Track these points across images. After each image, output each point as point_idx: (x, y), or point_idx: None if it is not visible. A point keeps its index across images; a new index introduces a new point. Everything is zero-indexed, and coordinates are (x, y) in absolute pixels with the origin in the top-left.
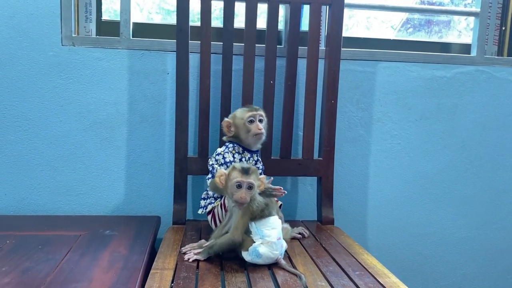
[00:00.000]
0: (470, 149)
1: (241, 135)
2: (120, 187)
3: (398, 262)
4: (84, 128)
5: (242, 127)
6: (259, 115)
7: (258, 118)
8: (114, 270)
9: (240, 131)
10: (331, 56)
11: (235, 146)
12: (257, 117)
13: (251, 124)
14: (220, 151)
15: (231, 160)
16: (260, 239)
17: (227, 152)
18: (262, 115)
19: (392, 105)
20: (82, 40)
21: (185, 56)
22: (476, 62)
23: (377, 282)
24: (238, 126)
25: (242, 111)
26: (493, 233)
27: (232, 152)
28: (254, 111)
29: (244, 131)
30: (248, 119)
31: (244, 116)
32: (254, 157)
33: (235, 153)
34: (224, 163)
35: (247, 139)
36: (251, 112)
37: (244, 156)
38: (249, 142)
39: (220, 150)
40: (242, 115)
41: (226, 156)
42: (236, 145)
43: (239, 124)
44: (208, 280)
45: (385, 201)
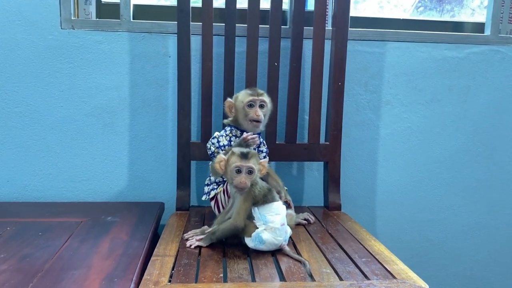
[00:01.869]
0: (482, 132)
1: (239, 118)
2: (123, 173)
3: (408, 248)
4: (86, 113)
5: (241, 110)
6: (260, 101)
7: (259, 103)
8: (113, 257)
9: (239, 114)
10: (338, 36)
11: (232, 130)
12: (257, 102)
13: (250, 108)
14: (216, 135)
15: (225, 144)
16: (263, 225)
17: (222, 136)
18: (264, 100)
19: (402, 87)
20: (82, 23)
21: (186, 38)
22: (490, 42)
23: (384, 269)
24: (238, 108)
25: (245, 93)
26: (506, 219)
27: (229, 136)
28: (256, 96)
29: (242, 114)
30: (248, 102)
31: (245, 99)
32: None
33: (231, 137)
34: (219, 147)
35: (244, 123)
36: (252, 97)
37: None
38: (246, 127)
39: (216, 134)
40: (243, 98)
41: (221, 140)
42: (234, 129)
43: (239, 106)
44: (209, 267)
45: (394, 186)
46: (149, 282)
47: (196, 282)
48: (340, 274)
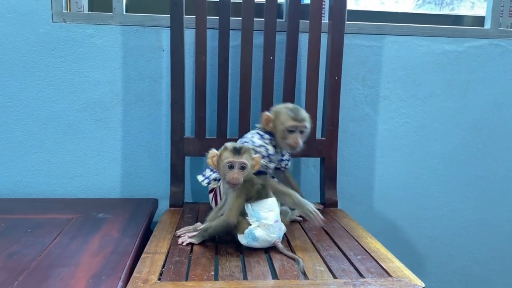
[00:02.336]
0: (482, 128)
1: (277, 137)
2: (116, 169)
3: (406, 246)
4: (78, 108)
5: (280, 132)
6: (302, 127)
7: (300, 129)
8: (103, 254)
9: (276, 132)
10: (335, 30)
11: (272, 140)
12: (299, 128)
13: (290, 133)
14: (257, 141)
15: (273, 153)
16: (257, 222)
17: (269, 145)
18: (306, 126)
19: (400, 82)
20: (74, 16)
21: (179, 32)
22: (490, 35)
23: (379, 266)
24: (277, 127)
25: (286, 115)
26: (506, 216)
27: (270, 144)
28: (298, 122)
29: (280, 135)
30: (289, 127)
31: (286, 122)
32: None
33: (271, 145)
34: (268, 156)
35: (281, 143)
36: (294, 122)
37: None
38: (281, 146)
39: (257, 140)
40: (284, 120)
41: (269, 149)
42: (273, 139)
43: (278, 127)
44: (200, 265)
45: (392, 183)
46: (138, 280)
47: (186, 280)
48: (334, 272)
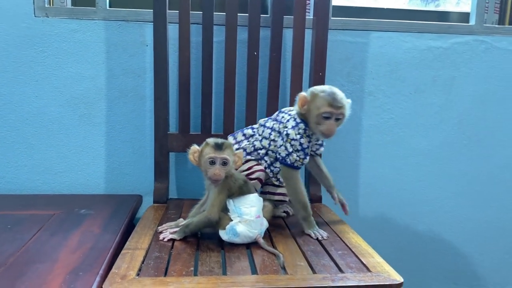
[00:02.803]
0: (467, 124)
1: (310, 121)
2: (100, 165)
3: (391, 242)
4: (61, 103)
5: (314, 117)
6: (338, 114)
7: (336, 116)
8: (82, 250)
9: (310, 117)
10: (319, 25)
11: (306, 130)
12: (334, 115)
13: (326, 120)
14: (294, 135)
15: (307, 145)
16: (238, 218)
17: (302, 137)
18: (343, 113)
19: (385, 78)
20: (56, 11)
21: (162, 26)
22: (475, 32)
23: (359, 262)
24: (311, 111)
25: (323, 99)
26: (491, 212)
27: (304, 136)
28: (335, 109)
29: (314, 120)
30: (324, 113)
31: (322, 107)
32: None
33: (306, 136)
34: (302, 150)
35: (314, 129)
36: (331, 108)
37: (311, 141)
38: (314, 132)
39: (292, 133)
40: (320, 105)
41: (303, 142)
42: (307, 128)
43: (313, 111)
44: (180, 260)
45: (377, 179)
46: (116, 275)
47: (165, 275)
48: (314, 267)
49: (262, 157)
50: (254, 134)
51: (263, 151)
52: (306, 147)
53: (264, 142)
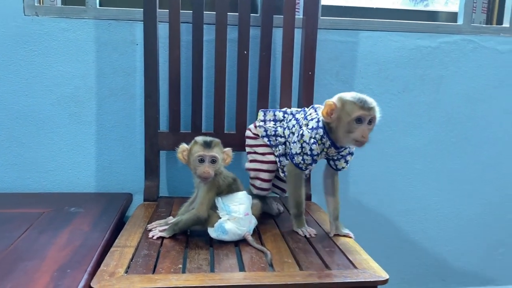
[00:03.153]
0: (455, 122)
1: (339, 130)
2: (91, 163)
3: (380, 239)
4: (52, 102)
5: (345, 124)
6: (370, 116)
7: (369, 119)
8: (70, 248)
9: (339, 125)
10: (308, 25)
11: (323, 138)
12: (367, 118)
13: (358, 124)
14: (308, 139)
15: (318, 153)
16: (227, 215)
17: (316, 143)
18: (375, 115)
19: (373, 77)
20: (46, 10)
21: (152, 25)
22: (463, 31)
23: (346, 259)
24: (341, 119)
25: (353, 104)
26: (479, 209)
27: (318, 143)
28: (367, 111)
29: (344, 129)
30: (356, 117)
31: (353, 112)
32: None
33: (320, 144)
34: (311, 155)
35: (343, 138)
36: (362, 111)
37: (329, 153)
38: (343, 142)
39: (307, 137)
40: (351, 110)
41: (314, 149)
42: (326, 137)
43: (343, 117)
44: (169, 258)
45: (366, 177)
46: (105, 273)
47: (153, 273)
48: (301, 264)
49: (278, 144)
50: (283, 120)
51: (282, 140)
52: (316, 154)
53: (286, 131)
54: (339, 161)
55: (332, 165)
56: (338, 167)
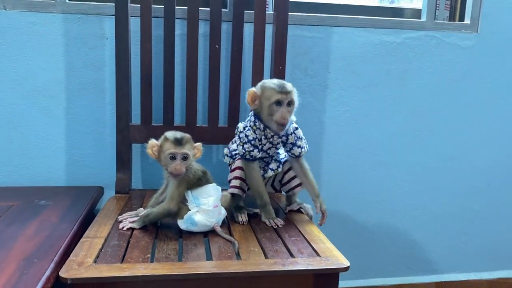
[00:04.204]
0: (419, 115)
1: (263, 115)
2: (61, 157)
3: (348, 229)
4: (21, 96)
5: (266, 108)
6: (288, 99)
7: (287, 102)
8: (38, 239)
9: (262, 110)
10: (279, 20)
11: (256, 122)
12: (285, 101)
13: (277, 107)
14: (241, 127)
15: (254, 137)
16: (196, 207)
17: (250, 129)
18: (293, 98)
19: (340, 72)
20: (14, 3)
21: (124, 19)
22: (426, 27)
23: (310, 247)
24: (262, 103)
25: (271, 89)
26: (442, 199)
27: (253, 128)
28: (284, 94)
29: (267, 112)
30: (274, 101)
31: (272, 96)
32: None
33: (255, 129)
34: (248, 142)
35: (268, 122)
36: (280, 95)
37: (266, 134)
38: (269, 125)
39: (241, 125)
40: (270, 95)
41: (249, 134)
42: (258, 121)
43: (264, 102)
44: (138, 248)
45: (334, 169)
46: (73, 262)
47: (122, 262)
48: (267, 253)
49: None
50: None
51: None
52: (253, 139)
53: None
54: (293, 148)
55: (290, 154)
56: (295, 154)
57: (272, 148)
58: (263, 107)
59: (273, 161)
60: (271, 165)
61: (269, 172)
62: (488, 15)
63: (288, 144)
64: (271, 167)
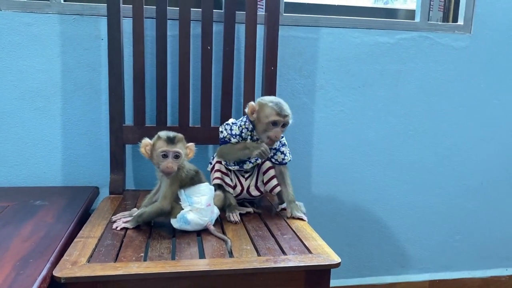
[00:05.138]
0: (413, 115)
1: (258, 127)
2: (57, 157)
3: (342, 228)
4: (16, 97)
5: (262, 124)
6: (285, 122)
7: (282, 124)
8: (33, 239)
9: (258, 124)
10: (270, 21)
11: (247, 123)
12: (281, 123)
13: (273, 127)
14: (230, 122)
15: (236, 133)
16: (189, 206)
17: (236, 125)
18: (289, 121)
19: (335, 72)
20: (9, 4)
21: (116, 20)
22: (420, 28)
23: (302, 245)
24: (260, 119)
25: (271, 108)
26: (435, 198)
27: (242, 127)
28: (282, 117)
29: (262, 128)
30: (272, 121)
31: (270, 116)
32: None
33: (243, 128)
34: (230, 135)
35: (260, 134)
36: (278, 117)
37: (253, 136)
38: (261, 137)
39: (231, 121)
40: (269, 114)
41: (234, 129)
42: (249, 123)
43: (262, 119)
44: (131, 247)
45: (329, 168)
46: (67, 262)
47: (115, 261)
48: (259, 250)
49: None
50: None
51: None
52: (234, 134)
53: None
54: (276, 154)
55: (273, 161)
56: (278, 160)
57: None
58: (260, 122)
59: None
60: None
61: (248, 164)
62: (481, 16)
63: (272, 149)
64: (250, 160)
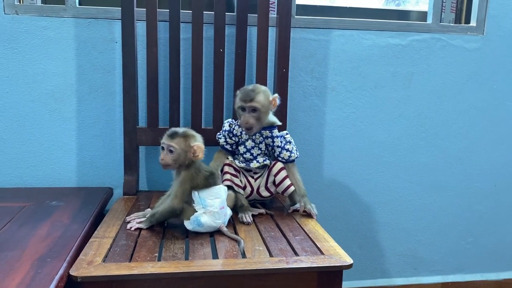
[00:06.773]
0: (425, 117)
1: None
2: (71, 159)
3: (355, 230)
4: (32, 99)
5: (237, 111)
6: (249, 107)
7: (249, 109)
8: (50, 239)
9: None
10: (282, 23)
11: (238, 120)
12: (247, 109)
13: (243, 112)
14: (227, 120)
15: (226, 129)
16: (203, 209)
17: (228, 123)
18: (254, 106)
19: (346, 74)
20: (26, 9)
21: (130, 23)
22: (432, 30)
23: (314, 246)
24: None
25: (238, 95)
26: (447, 200)
27: (234, 124)
28: (244, 102)
29: (237, 116)
30: (238, 107)
31: (237, 103)
32: (257, 137)
33: (235, 125)
34: (222, 130)
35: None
36: (241, 103)
37: (241, 138)
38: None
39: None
40: (237, 101)
41: (225, 125)
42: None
43: (235, 106)
44: (145, 247)
45: (340, 170)
46: (83, 261)
47: (130, 261)
48: (272, 251)
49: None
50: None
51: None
52: (224, 130)
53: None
54: (281, 152)
55: (280, 159)
56: (285, 158)
57: (255, 147)
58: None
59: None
60: (258, 158)
61: (255, 163)
62: (494, 17)
63: (277, 148)
64: (258, 160)
